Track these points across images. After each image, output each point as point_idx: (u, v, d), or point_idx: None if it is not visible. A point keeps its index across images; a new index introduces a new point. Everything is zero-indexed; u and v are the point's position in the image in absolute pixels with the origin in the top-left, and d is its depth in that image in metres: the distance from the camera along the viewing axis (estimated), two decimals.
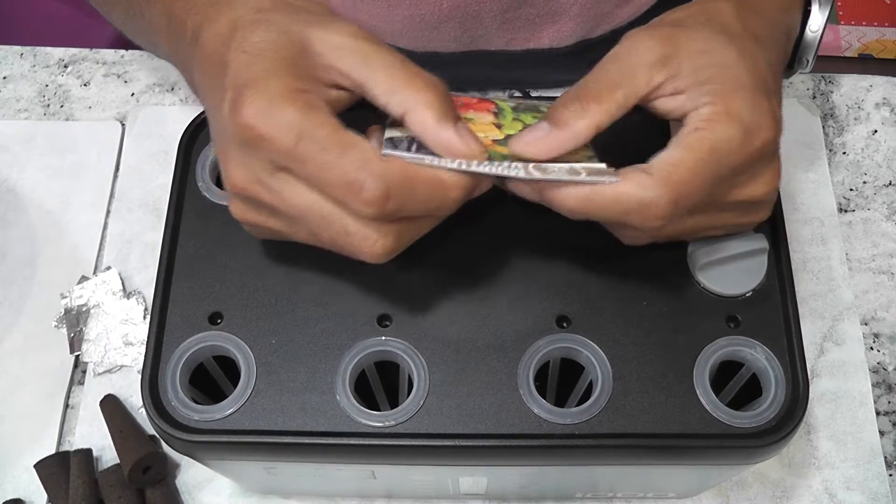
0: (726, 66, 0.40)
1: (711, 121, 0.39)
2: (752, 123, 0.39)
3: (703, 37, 0.41)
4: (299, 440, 0.42)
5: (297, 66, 0.38)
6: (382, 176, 0.36)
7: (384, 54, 0.39)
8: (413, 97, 0.38)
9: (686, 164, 0.38)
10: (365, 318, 0.44)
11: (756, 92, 0.40)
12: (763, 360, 0.43)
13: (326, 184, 0.37)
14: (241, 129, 0.37)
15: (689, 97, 0.40)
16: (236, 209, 0.41)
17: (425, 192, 0.38)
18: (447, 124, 0.38)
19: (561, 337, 0.44)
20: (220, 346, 0.44)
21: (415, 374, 0.43)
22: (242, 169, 0.38)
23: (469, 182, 0.39)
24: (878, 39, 1.57)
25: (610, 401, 0.42)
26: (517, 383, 0.43)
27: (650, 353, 0.43)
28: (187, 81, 0.46)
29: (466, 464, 0.46)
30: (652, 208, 0.38)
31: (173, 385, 0.43)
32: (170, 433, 0.42)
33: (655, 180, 0.38)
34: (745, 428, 0.42)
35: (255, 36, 0.39)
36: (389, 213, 0.37)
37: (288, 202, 0.38)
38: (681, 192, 0.38)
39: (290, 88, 0.37)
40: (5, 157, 0.68)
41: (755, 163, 0.40)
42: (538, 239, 0.45)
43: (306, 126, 0.36)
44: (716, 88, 0.39)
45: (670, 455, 0.43)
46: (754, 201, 0.42)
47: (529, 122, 0.42)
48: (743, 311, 0.44)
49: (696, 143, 0.38)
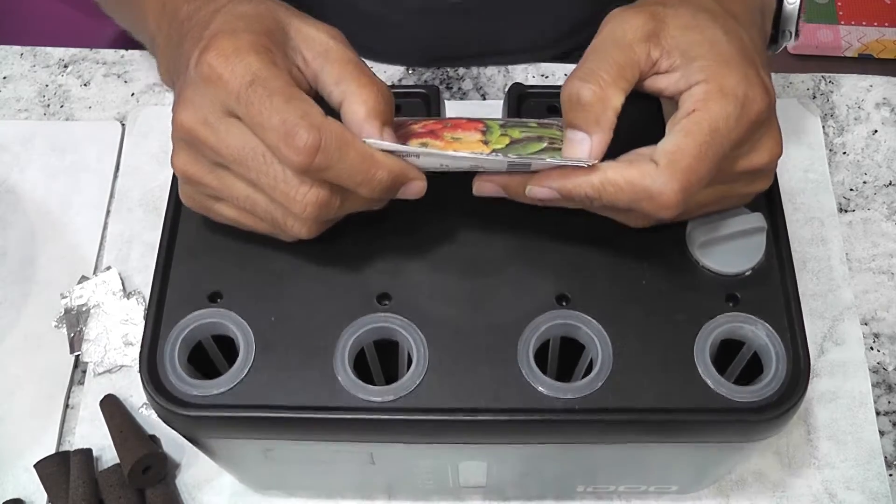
0: (714, 41, 0.40)
1: (707, 100, 0.39)
2: (746, 96, 0.39)
3: (688, 14, 0.41)
4: (298, 415, 0.42)
5: (270, 34, 0.41)
6: (318, 128, 0.38)
7: (344, 52, 0.42)
8: (354, 90, 0.40)
9: (690, 150, 0.39)
10: (364, 296, 0.44)
11: (745, 65, 0.40)
12: (763, 337, 0.43)
13: (265, 128, 0.38)
14: (203, 66, 0.39)
15: (682, 74, 0.40)
16: (179, 160, 0.42)
17: (354, 159, 0.39)
18: (374, 121, 0.40)
19: (560, 314, 0.43)
20: (220, 324, 0.44)
21: (414, 350, 0.43)
22: (192, 110, 0.40)
23: (398, 169, 0.40)
24: (878, 39, 1.57)
25: (610, 376, 0.42)
26: (517, 359, 0.42)
27: (650, 331, 0.43)
28: (160, 59, 0.47)
29: (466, 441, 0.45)
30: (663, 197, 0.39)
31: (171, 361, 0.42)
32: (168, 408, 0.41)
33: (662, 169, 0.39)
34: (746, 402, 0.41)
35: (242, 6, 0.42)
36: (316, 166, 0.38)
37: (228, 144, 0.40)
38: (689, 180, 0.39)
39: (259, 43, 0.40)
40: (5, 157, 0.68)
41: (754, 133, 0.40)
42: (538, 217, 0.45)
43: (262, 73, 0.39)
44: (707, 65, 0.40)
45: (671, 430, 0.42)
46: (758, 169, 0.42)
47: (516, 135, 0.43)
48: (742, 289, 0.44)
49: (695, 125, 0.39)
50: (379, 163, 0.40)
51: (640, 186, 0.39)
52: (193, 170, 0.42)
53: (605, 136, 0.40)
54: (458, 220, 0.46)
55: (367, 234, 0.45)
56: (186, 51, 0.41)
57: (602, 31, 0.41)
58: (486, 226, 0.46)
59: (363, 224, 0.45)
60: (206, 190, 0.42)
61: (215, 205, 0.43)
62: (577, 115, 0.40)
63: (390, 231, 0.45)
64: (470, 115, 0.45)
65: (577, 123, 0.40)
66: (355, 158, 0.39)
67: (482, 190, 0.44)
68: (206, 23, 0.41)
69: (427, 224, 0.45)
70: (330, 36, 0.42)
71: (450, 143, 0.42)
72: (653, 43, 0.40)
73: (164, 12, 0.47)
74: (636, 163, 0.39)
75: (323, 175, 0.39)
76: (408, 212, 0.45)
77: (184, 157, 0.42)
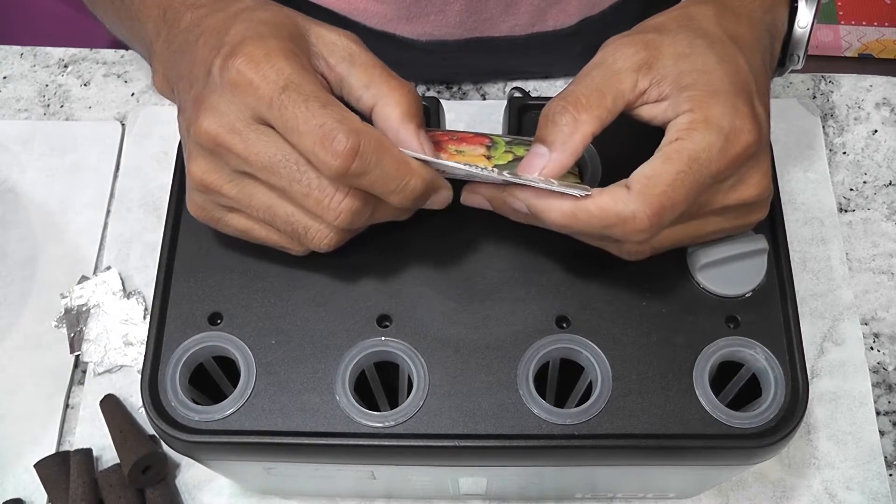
0: (705, 70, 0.40)
1: (690, 129, 0.39)
2: (732, 128, 0.39)
3: (684, 41, 0.41)
4: (299, 440, 0.42)
5: (294, 39, 0.40)
6: (357, 132, 0.38)
7: (369, 56, 0.41)
8: (385, 92, 0.40)
9: (664, 177, 0.38)
10: (364, 319, 0.44)
11: (735, 96, 0.40)
12: (763, 361, 0.43)
13: (301, 133, 0.38)
14: (230, 72, 0.38)
15: (670, 104, 0.40)
16: (198, 167, 0.41)
17: (391, 165, 0.39)
18: (410, 124, 0.40)
19: (560, 337, 0.44)
20: (220, 347, 0.44)
21: (414, 374, 0.43)
22: (217, 116, 0.39)
23: (430, 177, 0.40)
24: (878, 39, 1.57)
25: (609, 401, 0.42)
26: (517, 384, 0.43)
27: (650, 354, 0.43)
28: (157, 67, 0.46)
29: (466, 464, 0.46)
30: (632, 222, 0.38)
31: (173, 385, 0.43)
32: (169, 434, 0.42)
33: (634, 194, 0.38)
34: (745, 428, 0.42)
35: (261, 13, 0.41)
36: (354, 172, 0.38)
37: (258, 151, 0.39)
38: (662, 205, 0.38)
39: (287, 48, 0.39)
40: (5, 157, 0.68)
41: (740, 167, 0.40)
42: (538, 239, 0.45)
43: (295, 78, 0.38)
44: (694, 95, 0.39)
45: (670, 455, 0.43)
46: (747, 203, 0.42)
47: (521, 154, 0.42)
48: (742, 311, 0.44)
49: (675, 153, 0.39)
50: (414, 170, 0.39)
51: (611, 211, 0.38)
52: (212, 178, 0.41)
53: (564, 158, 0.39)
54: (459, 242, 0.46)
55: (368, 256, 0.45)
56: (202, 57, 0.41)
57: (595, 58, 0.41)
58: (487, 248, 0.46)
59: (364, 245, 0.45)
60: (221, 199, 0.42)
61: (227, 215, 0.43)
62: (546, 132, 0.40)
63: (391, 253, 0.45)
64: (471, 115, 0.45)
65: (543, 138, 0.40)
66: (391, 164, 0.39)
67: (469, 201, 0.44)
68: (224, 28, 0.41)
69: (428, 246, 0.45)
70: (351, 40, 0.42)
71: (453, 155, 0.42)
72: (643, 73, 0.40)
73: (165, 19, 0.46)
74: (610, 189, 0.39)
75: (358, 181, 0.39)
76: (409, 233, 0.45)
77: (203, 164, 0.41)
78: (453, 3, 0.64)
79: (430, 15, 0.65)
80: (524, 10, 0.65)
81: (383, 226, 0.44)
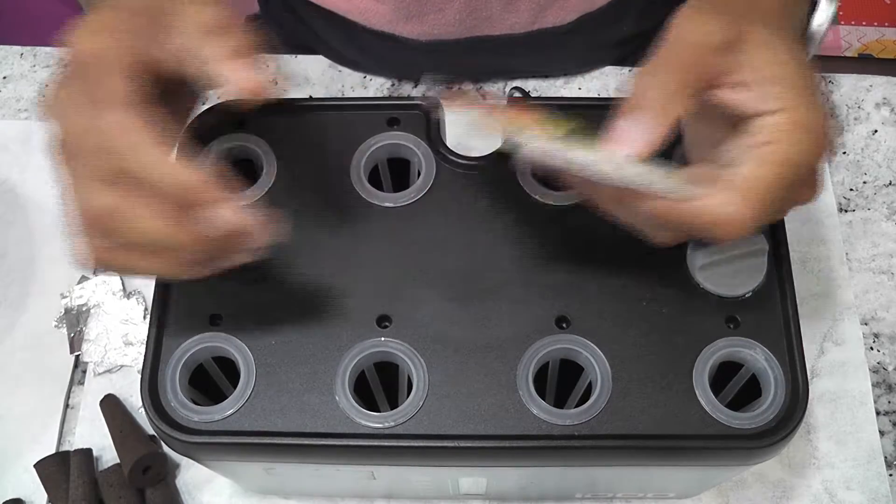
0: (781, 62, 0.39)
1: (788, 132, 0.38)
2: (821, 131, 0.39)
3: (765, 31, 0.39)
4: (299, 441, 0.42)
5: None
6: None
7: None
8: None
9: (767, 180, 0.38)
10: (364, 319, 0.44)
11: (813, 94, 0.39)
12: (762, 361, 0.43)
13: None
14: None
15: (756, 96, 0.39)
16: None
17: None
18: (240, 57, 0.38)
19: (560, 338, 0.44)
20: (220, 348, 0.44)
21: (414, 374, 0.43)
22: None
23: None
24: (878, 39, 1.57)
25: (609, 402, 0.42)
26: (516, 384, 0.43)
27: (649, 354, 0.43)
28: None
29: (466, 464, 0.46)
30: (733, 224, 0.38)
31: (173, 386, 0.43)
32: (169, 434, 0.42)
33: (737, 197, 0.38)
34: (745, 429, 0.42)
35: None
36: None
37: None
38: (762, 208, 0.38)
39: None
40: (5, 157, 0.68)
41: (817, 169, 0.40)
42: (538, 240, 0.45)
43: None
44: (784, 93, 0.38)
45: (669, 456, 0.43)
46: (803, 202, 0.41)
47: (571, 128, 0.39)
48: (742, 311, 0.44)
49: (773, 156, 0.38)
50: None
51: (715, 213, 0.38)
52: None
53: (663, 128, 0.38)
54: (459, 242, 0.46)
55: (368, 256, 0.45)
56: None
57: (675, 31, 0.39)
58: (487, 248, 0.46)
59: (364, 246, 0.45)
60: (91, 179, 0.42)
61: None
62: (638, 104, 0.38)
63: (391, 253, 0.45)
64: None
65: (631, 115, 0.38)
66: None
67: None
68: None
69: (428, 246, 0.45)
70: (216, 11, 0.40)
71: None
72: (727, 53, 0.38)
73: None
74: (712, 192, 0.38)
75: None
76: (409, 233, 0.45)
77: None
78: (453, 1, 0.64)
79: (429, 14, 0.65)
80: (524, 7, 0.65)
81: (382, 226, 0.44)
